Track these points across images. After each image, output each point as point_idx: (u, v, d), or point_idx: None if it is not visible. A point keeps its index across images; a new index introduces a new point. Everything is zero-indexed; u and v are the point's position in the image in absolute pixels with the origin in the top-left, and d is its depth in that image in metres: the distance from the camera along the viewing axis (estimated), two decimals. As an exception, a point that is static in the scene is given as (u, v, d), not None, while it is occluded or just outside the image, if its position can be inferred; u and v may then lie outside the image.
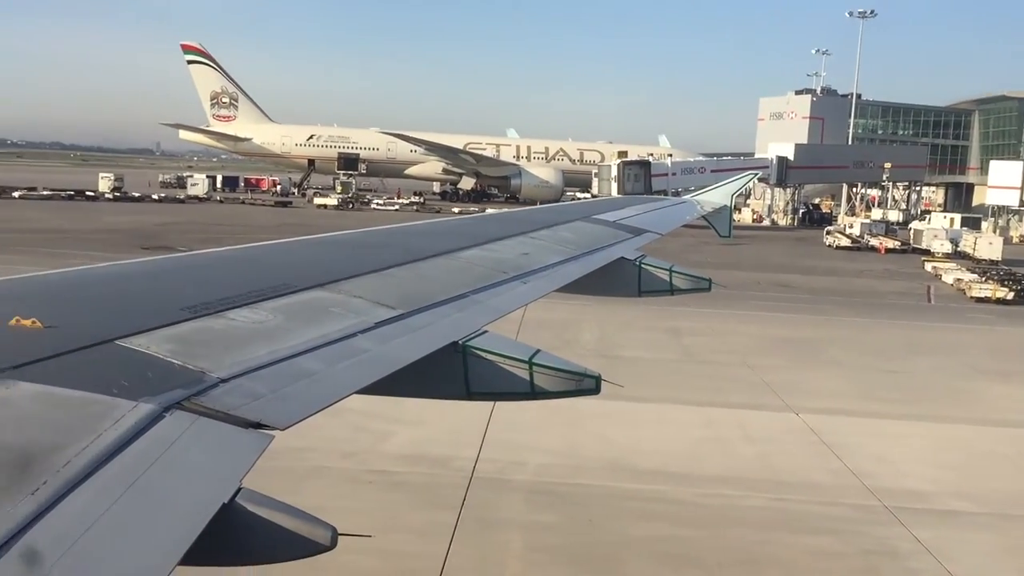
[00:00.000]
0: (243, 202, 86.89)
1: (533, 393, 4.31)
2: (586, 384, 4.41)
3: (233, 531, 2.38)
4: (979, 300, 37.23)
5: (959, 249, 56.43)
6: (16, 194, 75.21)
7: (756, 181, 77.41)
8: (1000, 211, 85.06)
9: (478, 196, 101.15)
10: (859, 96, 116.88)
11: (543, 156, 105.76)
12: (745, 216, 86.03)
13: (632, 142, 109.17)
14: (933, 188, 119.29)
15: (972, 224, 71.34)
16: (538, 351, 4.36)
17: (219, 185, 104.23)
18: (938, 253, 55.50)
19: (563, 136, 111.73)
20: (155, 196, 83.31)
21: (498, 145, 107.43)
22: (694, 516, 12.99)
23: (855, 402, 19.64)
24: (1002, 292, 37.68)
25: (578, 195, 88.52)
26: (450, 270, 5.49)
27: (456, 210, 71.24)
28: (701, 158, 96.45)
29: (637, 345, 24.74)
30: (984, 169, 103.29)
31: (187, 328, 3.33)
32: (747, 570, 11.31)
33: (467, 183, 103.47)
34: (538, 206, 26.43)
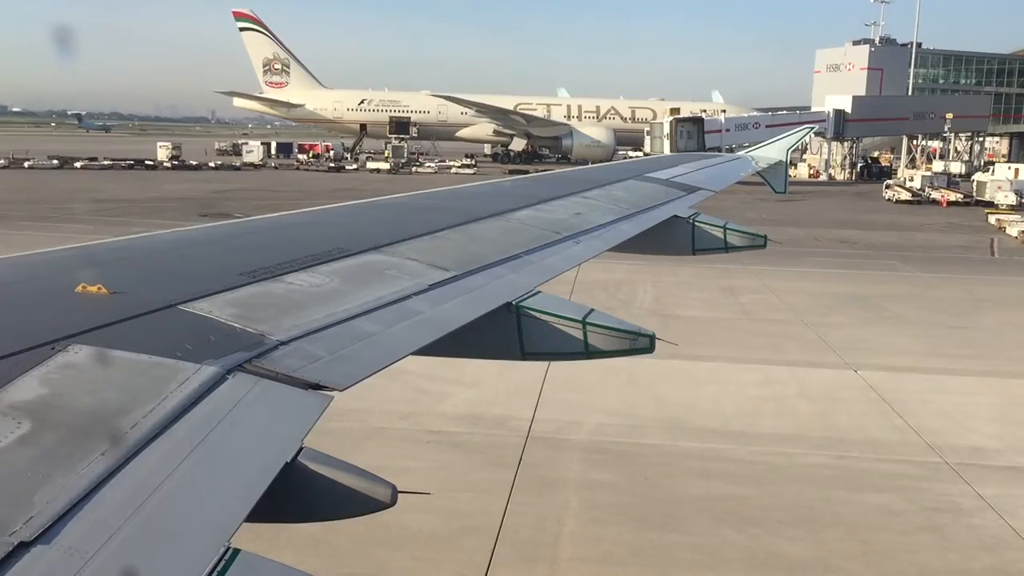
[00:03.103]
0: (297, 168, 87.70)
1: (587, 353, 4.31)
2: (640, 343, 4.40)
3: (296, 489, 2.43)
4: (1046, 252, 36.25)
5: (1024, 201, 54.84)
6: (78, 164, 76.80)
7: (812, 135, 75.87)
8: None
9: (529, 157, 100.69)
10: (919, 45, 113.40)
11: (594, 115, 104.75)
12: (801, 171, 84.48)
13: (684, 99, 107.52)
14: (997, 138, 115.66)
15: (1038, 174, 69.22)
16: (592, 310, 4.35)
17: (273, 152, 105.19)
18: (1002, 205, 54.02)
19: (614, 94, 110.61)
20: (212, 164, 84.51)
21: (549, 105, 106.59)
22: (752, 474, 12.94)
23: (918, 359, 19.31)
24: (1070, 244, 36.62)
25: (630, 153, 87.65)
26: (503, 231, 5.49)
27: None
28: (755, 113, 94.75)
29: (692, 304, 24.56)
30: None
31: (246, 292, 3.39)
32: (808, 528, 11.26)
33: (518, 144, 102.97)
34: (590, 166, 26.24)
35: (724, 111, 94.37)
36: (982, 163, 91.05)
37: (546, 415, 14.85)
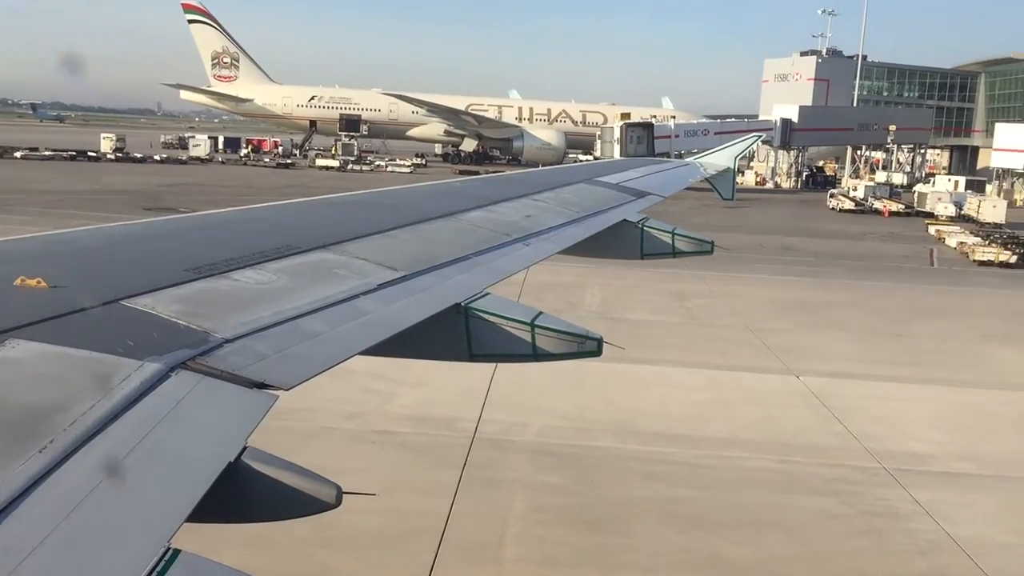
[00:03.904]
0: (245, 163, 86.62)
1: (535, 355, 4.33)
2: (588, 346, 4.42)
3: (239, 489, 2.40)
4: (982, 264, 37.20)
5: (963, 212, 56.23)
6: (18, 154, 74.95)
7: (760, 143, 77.00)
8: (1005, 174, 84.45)
9: (480, 158, 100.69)
10: (865, 58, 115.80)
11: (545, 118, 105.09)
12: (748, 179, 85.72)
13: (635, 104, 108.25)
14: (938, 151, 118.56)
15: (976, 187, 71.12)
16: (540, 313, 4.37)
17: (221, 146, 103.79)
18: (942, 216, 55.34)
19: (566, 98, 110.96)
20: (157, 157, 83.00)
21: (500, 107, 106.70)
22: (697, 477, 13.08)
23: (859, 365, 19.69)
24: (1005, 256, 37.63)
25: (580, 157, 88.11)
26: (453, 232, 5.48)
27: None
28: (704, 120, 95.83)
29: (640, 308, 24.76)
30: (989, 132, 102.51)
31: (191, 289, 3.34)
32: (750, 531, 11.42)
33: (469, 145, 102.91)
34: (541, 168, 26.30)
35: (674, 117, 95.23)
36: (923, 175, 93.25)
37: (493, 416, 14.85)
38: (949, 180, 74.43)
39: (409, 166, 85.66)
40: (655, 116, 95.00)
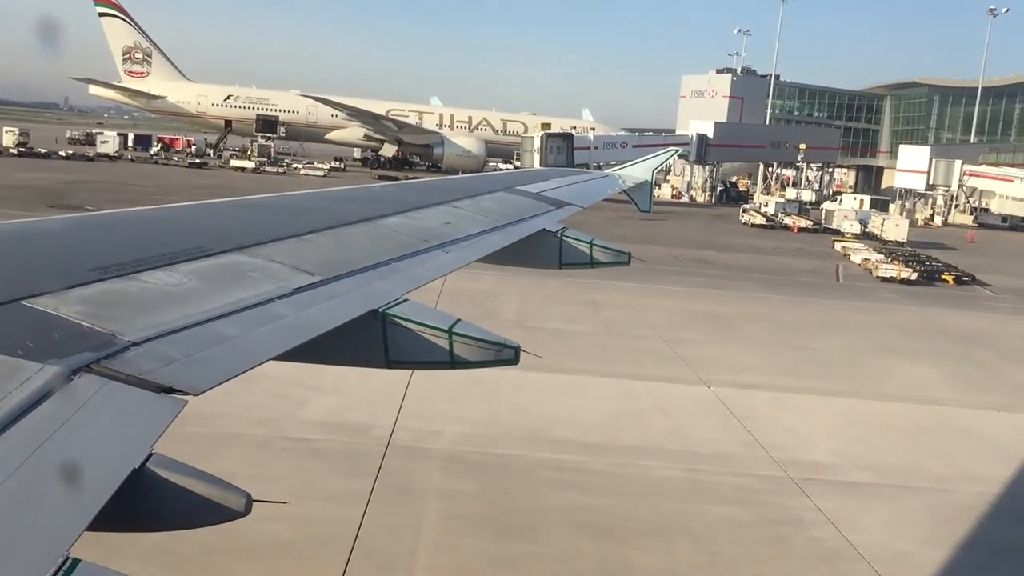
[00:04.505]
0: (156, 162, 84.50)
1: (452, 362, 4.31)
2: (505, 354, 4.43)
3: (145, 497, 2.33)
4: (885, 280, 38.53)
5: (867, 230, 58.17)
6: (-88, 147, 71.76)
7: (676, 158, 78.45)
8: (907, 194, 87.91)
9: (400, 164, 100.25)
10: (778, 77, 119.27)
11: (466, 125, 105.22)
12: (665, 192, 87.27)
13: (556, 115, 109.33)
14: (845, 170, 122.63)
15: (880, 206, 73.72)
16: (458, 320, 4.36)
17: (131, 144, 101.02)
18: (848, 233, 57.12)
19: (487, 106, 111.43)
20: (62, 153, 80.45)
21: (421, 113, 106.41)
22: (609, 486, 13.21)
23: (767, 377, 20.18)
24: (907, 272, 39.06)
25: (500, 166, 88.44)
26: (371, 237, 5.43)
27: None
28: (623, 133, 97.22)
29: (557, 317, 24.93)
30: (894, 153, 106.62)
31: (97, 289, 3.22)
32: (659, 539, 11.57)
33: (389, 150, 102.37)
34: (460, 175, 26.30)
35: (593, 129, 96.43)
36: (831, 193, 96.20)
37: (407, 424, 14.76)
38: (855, 199, 77.03)
39: (324, 169, 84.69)
40: (575, 127, 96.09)
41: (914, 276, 38.83)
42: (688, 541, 11.59)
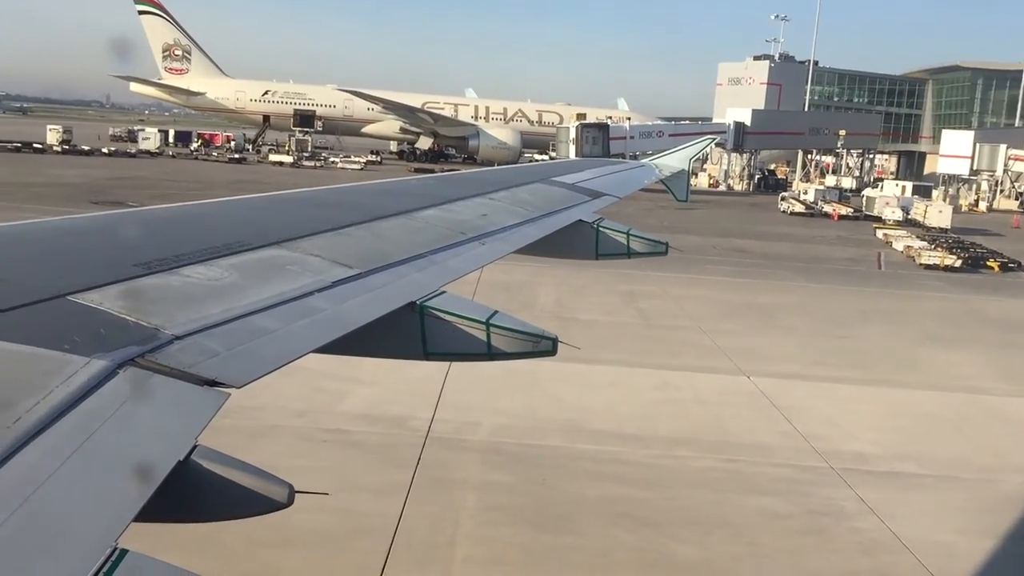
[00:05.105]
0: (196, 158, 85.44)
1: (490, 354, 4.32)
2: (543, 346, 4.43)
3: (189, 488, 2.37)
4: (928, 267, 37.96)
5: (910, 217, 57.30)
6: (-40, 145, 73.20)
7: (713, 146, 77.77)
8: (950, 180, 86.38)
9: (435, 156, 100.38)
10: (816, 63, 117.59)
11: (501, 117, 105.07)
12: (702, 181, 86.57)
13: (591, 104, 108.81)
14: (886, 156, 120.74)
15: (923, 192, 72.54)
16: (495, 312, 4.37)
17: (171, 140, 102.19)
18: (889, 220, 56.33)
19: (522, 97, 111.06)
20: (105, 150, 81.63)
21: (456, 105, 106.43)
22: (647, 477, 13.18)
23: (806, 367, 19.99)
24: (950, 259, 38.45)
25: (536, 157, 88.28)
26: (408, 230, 5.45)
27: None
28: (659, 122, 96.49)
29: (593, 308, 24.88)
30: (936, 138, 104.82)
31: (140, 284, 3.28)
32: (698, 530, 11.53)
33: (424, 143, 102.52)
34: (496, 167, 26.30)
35: (629, 118, 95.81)
36: (872, 179, 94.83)
37: (445, 415, 14.83)
38: (897, 185, 75.82)
39: (361, 163, 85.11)
40: (610, 117, 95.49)
41: (958, 263, 38.21)
42: (726, 532, 11.53)
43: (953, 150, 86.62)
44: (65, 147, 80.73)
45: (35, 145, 78.09)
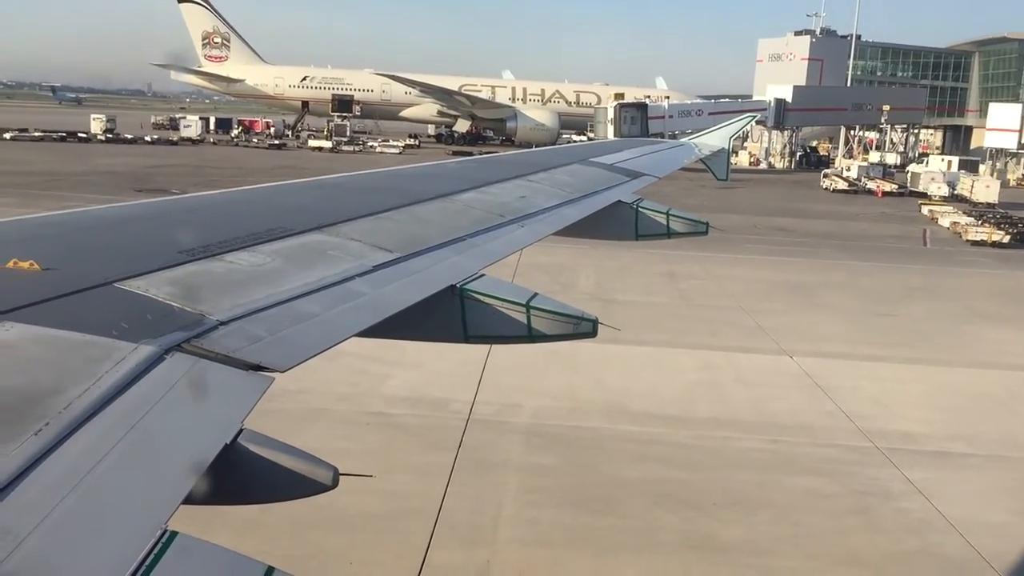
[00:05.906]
0: (236, 144, 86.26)
1: (530, 336, 4.32)
2: (583, 327, 4.42)
3: (236, 471, 2.40)
4: (975, 243, 37.30)
5: (956, 192, 56.34)
6: (8, 135, 74.56)
7: (753, 124, 76.86)
8: (998, 154, 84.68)
9: (473, 139, 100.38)
10: (858, 37, 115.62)
11: (539, 98, 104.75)
12: (742, 159, 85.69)
13: (629, 84, 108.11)
14: (931, 131, 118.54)
15: (970, 167, 71.13)
16: (535, 294, 4.36)
17: (212, 127, 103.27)
18: (935, 196, 55.39)
19: (559, 78, 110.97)
20: (148, 138, 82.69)
21: (493, 87, 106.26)
22: (689, 458, 13.14)
23: (850, 346, 19.76)
24: (998, 235, 37.72)
25: (574, 138, 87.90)
26: (447, 213, 5.46)
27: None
28: (698, 100, 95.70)
29: (634, 289, 24.78)
30: (983, 112, 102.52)
31: (185, 271, 3.32)
32: (741, 511, 11.48)
33: (462, 125, 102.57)
34: (534, 149, 26.24)
35: (667, 97, 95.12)
36: (916, 155, 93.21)
37: (487, 398, 14.88)
38: (942, 160, 74.38)
39: (400, 147, 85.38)
40: (649, 96, 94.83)
41: (1006, 239, 37.49)
42: (770, 512, 11.47)
43: (1000, 123, 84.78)
44: (109, 136, 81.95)
45: (80, 134, 79.33)
